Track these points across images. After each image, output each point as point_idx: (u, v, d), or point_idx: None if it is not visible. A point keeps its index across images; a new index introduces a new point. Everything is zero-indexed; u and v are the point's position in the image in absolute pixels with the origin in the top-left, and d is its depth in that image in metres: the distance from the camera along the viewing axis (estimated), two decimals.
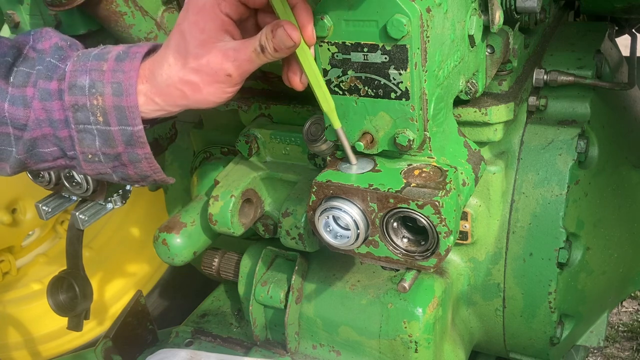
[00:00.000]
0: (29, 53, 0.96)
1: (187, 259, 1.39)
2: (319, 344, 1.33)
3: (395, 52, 0.91)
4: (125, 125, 0.92)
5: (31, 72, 0.93)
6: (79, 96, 0.91)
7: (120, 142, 0.93)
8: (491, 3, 1.06)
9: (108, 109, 0.91)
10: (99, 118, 0.91)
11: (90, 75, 0.91)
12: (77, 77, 0.92)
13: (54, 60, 0.94)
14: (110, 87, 0.91)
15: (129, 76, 0.91)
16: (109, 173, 0.98)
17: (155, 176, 1.00)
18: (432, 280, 1.27)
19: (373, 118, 0.98)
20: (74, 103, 0.91)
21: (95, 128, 0.92)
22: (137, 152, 0.94)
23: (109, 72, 0.91)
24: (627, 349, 2.64)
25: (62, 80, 0.92)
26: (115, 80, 0.91)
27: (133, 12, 1.19)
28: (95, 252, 2.44)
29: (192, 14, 0.90)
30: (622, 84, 1.33)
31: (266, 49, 0.89)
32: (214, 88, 0.93)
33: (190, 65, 0.91)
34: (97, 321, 2.38)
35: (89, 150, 0.94)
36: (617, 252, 1.42)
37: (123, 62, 0.92)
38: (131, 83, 0.91)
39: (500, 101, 1.20)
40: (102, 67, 0.92)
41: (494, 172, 1.27)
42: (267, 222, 1.34)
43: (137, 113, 0.91)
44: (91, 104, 0.91)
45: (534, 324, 1.34)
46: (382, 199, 0.95)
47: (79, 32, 1.24)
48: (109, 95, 0.91)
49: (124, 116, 0.91)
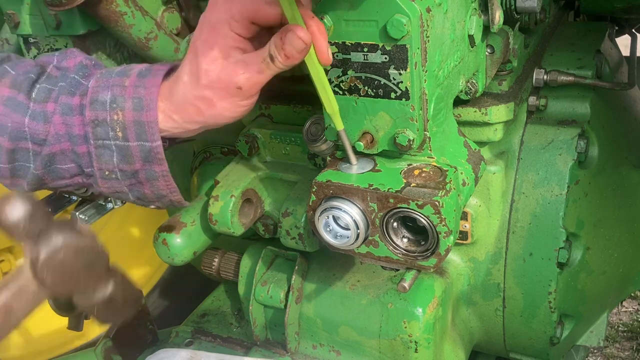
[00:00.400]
0: (52, 71, 0.97)
1: (187, 259, 1.39)
2: (319, 344, 1.33)
3: (395, 52, 0.91)
4: (143, 141, 0.92)
5: (53, 89, 0.94)
6: (99, 111, 0.92)
7: (138, 159, 0.93)
8: (491, 3, 1.06)
9: (128, 123, 0.91)
10: (118, 133, 0.92)
11: (112, 90, 0.92)
12: (99, 92, 0.92)
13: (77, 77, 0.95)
14: (131, 102, 0.91)
15: (150, 92, 0.92)
16: (125, 192, 0.98)
17: (172, 196, 1.00)
18: (432, 280, 1.27)
19: (373, 118, 0.98)
20: (95, 118, 0.92)
21: (114, 144, 0.92)
22: (154, 170, 0.94)
23: (130, 87, 0.92)
24: (627, 349, 2.64)
25: (84, 96, 0.93)
26: (136, 95, 0.92)
27: (133, 12, 1.19)
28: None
29: (204, 32, 0.91)
30: (622, 84, 1.33)
31: (276, 57, 0.89)
32: (227, 103, 0.93)
33: (203, 82, 0.91)
34: None
35: (107, 166, 0.94)
36: (617, 252, 1.42)
37: (145, 78, 0.93)
38: (152, 98, 0.91)
39: (500, 101, 1.20)
40: (124, 83, 0.93)
41: (494, 172, 1.27)
42: (267, 222, 1.34)
43: (156, 128, 0.92)
44: (111, 118, 0.91)
45: (534, 324, 1.34)
46: (382, 199, 0.95)
47: (79, 32, 1.24)
48: (130, 110, 0.91)
49: (143, 131, 0.92)
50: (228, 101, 0.93)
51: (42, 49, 1.31)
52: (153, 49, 1.25)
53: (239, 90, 0.92)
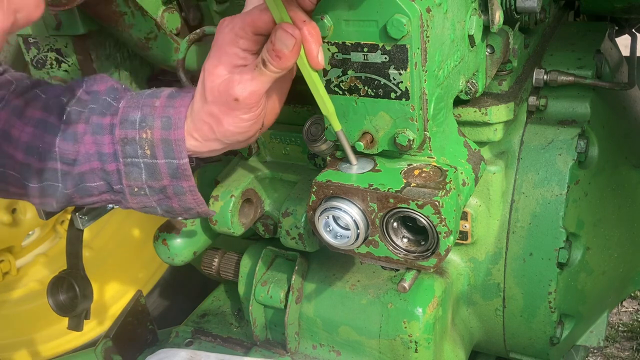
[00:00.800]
0: (81, 95, 0.99)
1: (187, 259, 1.39)
2: (319, 344, 1.33)
3: (395, 52, 0.91)
4: (171, 159, 0.94)
5: (83, 111, 0.97)
6: (129, 130, 0.94)
7: (165, 175, 0.95)
8: (491, 3, 1.06)
9: (156, 142, 0.94)
10: (146, 151, 0.94)
11: (142, 110, 0.95)
12: (129, 112, 0.95)
13: (109, 99, 0.97)
14: (160, 121, 0.94)
15: (179, 111, 0.94)
16: (154, 206, 1.00)
17: (199, 209, 1.02)
18: (432, 280, 1.27)
19: (373, 118, 0.98)
20: (124, 136, 0.94)
21: (142, 161, 0.94)
22: (182, 185, 0.97)
23: (160, 107, 0.95)
24: (627, 349, 2.64)
25: (115, 116, 0.95)
26: (165, 114, 0.94)
27: (133, 12, 1.19)
28: (95, 252, 2.44)
29: (212, 53, 0.94)
30: (622, 84, 1.33)
31: (267, 60, 0.89)
32: (230, 117, 0.94)
33: (209, 99, 0.93)
34: (97, 321, 2.38)
35: (135, 183, 0.96)
36: (617, 252, 1.42)
37: (175, 99, 0.96)
38: (180, 117, 0.94)
39: (500, 101, 1.21)
40: (154, 104, 0.95)
41: (494, 172, 1.27)
42: (267, 222, 1.34)
43: (183, 146, 0.94)
44: (140, 137, 0.94)
45: (534, 324, 1.34)
46: (382, 199, 0.95)
47: (79, 32, 1.24)
48: (158, 129, 0.94)
49: (170, 149, 0.94)
50: (231, 116, 0.94)
51: (42, 49, 1.31)
52: (153, 49, 1.25)
53: (237, 102, 0.92)
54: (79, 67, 1.30)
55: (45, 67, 1.34)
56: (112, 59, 1.35)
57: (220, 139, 0.97)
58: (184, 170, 0.95)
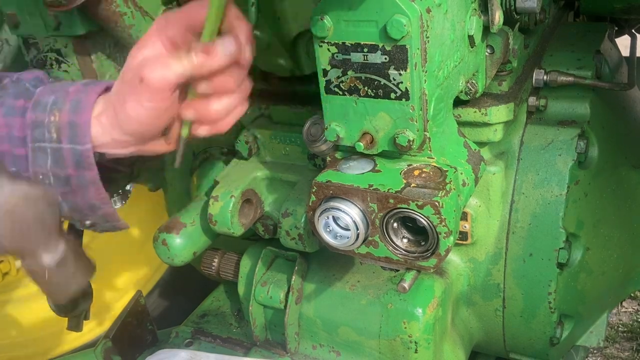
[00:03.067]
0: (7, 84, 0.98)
1: (187, 260, 1.39)
2: (318, 345, 1.33)
3: (395, 53, 0.91)
4: (75, 144, 0.92)
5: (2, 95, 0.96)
6: (39, 113, 0.93)
7: (70, 163, 0.93)
8: (491, 3, 1.06)
9: (62, 124, 0.92)
10: (52, 134, 0.92)
11: (56, 94, 0.94)
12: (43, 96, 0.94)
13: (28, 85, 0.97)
14: (69, 104, 0.92)
15: (89, 97, 0.93)
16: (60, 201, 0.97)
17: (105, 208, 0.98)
18: (432, 281, 1.27)
19: (373, 118, 0.98)
20: (34, 119, 0.92)
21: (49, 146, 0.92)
22: (84, 175, 0.94)
23: (73, 92, 0.94)
24: (627, 349, 2.64)
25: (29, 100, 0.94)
26: (76, 98, 0.93)
27: (133, 12, 1.19)
28: (95, 252, 2.44)
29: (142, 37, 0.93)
30: (622, 84, 1.33)
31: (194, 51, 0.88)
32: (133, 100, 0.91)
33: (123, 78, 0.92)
34: (97, 321, 2.38)
35: (41, 169, 0.94)
36: (617, 252, 1.42)
37: (89, 85, 0.95)
38: (89, 101, 0.92)
39: (500, 101, 1.21)
40: (68, 89, 0.94)
41: (493, 173, 1.27)
42: (267, 222, 1.34)
43: (88, 131, 0.92)
44: (48, 120, 0.92)
45: (534, 324, 1.34)
46: (382, 199, 0.95)
47: (78, 32, 1.24)
48: (67, 111, 0.92)
49: (75, 133, 0.92)
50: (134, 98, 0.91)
51: (41, 49, 1.31)
52: None
53: (142, 84, 0.88)
54: (78, 67, 1.30)
55: (45, 68, 1.34)
56: (112, 59, 1.35)
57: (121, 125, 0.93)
58: (86, 157, 0.92)
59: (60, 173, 0.94)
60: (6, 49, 1.51)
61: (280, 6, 1.17)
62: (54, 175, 0.94)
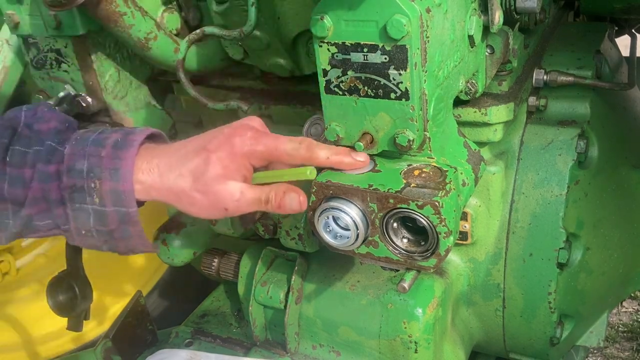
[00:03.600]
0: (23, 131, 0.99)
1: (187, 259, 1.39)
2: (318, 344, 1.33)
3: (395, 53, 0.91)
4: (120, 207, 0.96)
5: (27, 152, 0.97)
6: (77, 179, 0.95)
7: (114, 221, 0.97)
8: (491, 3, 1.06)
9: (104, 192, 0.95)
10: (95, 199, 0.95)
11: (89, 160, 0.95)
12: (75, 160, 0.95)
13: (53, 143, 0.97)
14: (108, 173, 0.95)
15: (126, 164, 0.95)
16: (100, 245, 1.02)
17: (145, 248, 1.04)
18: (432, 281, 1.27)
19: (373, 118, 0.98)
20: (72, 184, 0.95)
21: (91, 207, 0.96)
22: (129, 229, 0.98)
23: (107, 158, 0.95)
24: (627, 349, 2.64)
25: (61, 163, 0.96)
26: (112, 167, 0.95)
27: (133, 12, 1.19)
28: (94, 252, 2.43)
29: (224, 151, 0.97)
30: (622, 84, 1.33)
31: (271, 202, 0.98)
32: (206, 211, 0.99)
33: (200, 187, 0.96)
34: (97, 321, 2.37)
35: (84, 226, 0.98)
36: (617, 252, 1.42)
37: (121, 150, 0.96)
38: (128, 170, 0.95)
39: (500, 101, 1.20)
40: (100, 154, 0.96)
41: (493, 173, 1.27)
42: (267, 222, 1.34)
43: (133, 197, 0.95)
44: (88, 186, 0.95)
45: (534, 324, 1.34)
46: (382, 199, 0.95)
47: (78, 32, 1.24)
48: (107, 180, 0.95)
49: (119, 199, 0.95)
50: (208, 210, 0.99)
51: (41, 49, 1.31)
52: (153, 49, 1.25)
53: (224, 211, 0.99)
54: (78, 67, 1.30)
55: (45, 67, 1.34)
56: (112, 59, 1.35)
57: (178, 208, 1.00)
58: (131, 217, 0.96)
59: (103, 229, 0.98)
60: (6, 49, 1.51)
61: (280, 6, 1.17)
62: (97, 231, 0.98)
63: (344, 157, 1.00)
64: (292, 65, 1.29)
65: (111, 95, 1.36)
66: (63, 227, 0.98)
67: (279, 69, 1.30)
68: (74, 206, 0.95)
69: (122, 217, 0.96)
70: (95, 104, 1.33)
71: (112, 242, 1.01)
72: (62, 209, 0.96)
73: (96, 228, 0.97)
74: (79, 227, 0.97)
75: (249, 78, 1.48)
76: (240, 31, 1.16)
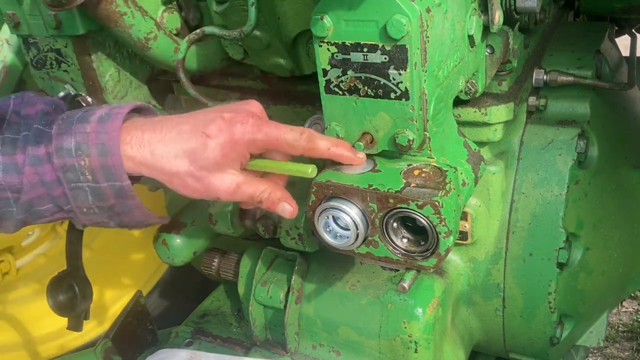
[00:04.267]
0: (11, 118, 0.99)
1: (187, 259, 1.39)
2: (318, 344, 1.33)
3: (395, 52, 0.91)
4: (113, 182, 0.95)
5: (17, 138, 0.97)
6: (66, 158, 0.94)
7: (111, 196, 0.97)
8: (491, 3, 1.06)
9: (95, 168, 0.94)
10: (88, 177, 0.95)
11: (75, 137, 0.95)
12: (63, 140, 0.95)
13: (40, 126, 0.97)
14: (95, 149, 0.94)
15: (112, 137, 0.94)
16: (106, 221, 1.02)
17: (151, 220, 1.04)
18: (431, 281, 1.27)
19: (373, 118, 0.98)
20: (63, 164, 0.95)
21: (86, 185, 0.96)
22: (128, 203, 0.98)
23: (92, 133, 0.95)
24: (627, 349, 2.64)
25: (49, 144, 0.95)
26: (99, 141, 0.94)
27: (133, 12, 1.19)
28: (95, 252, 2.44)
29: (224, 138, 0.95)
30: (622, 84, 1.33)
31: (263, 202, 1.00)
32: (198, 194, 0.99)
33: (195, 173, 0.96)
34: (97, 321, 2.37)
35: (84, 204, 0.97)
36: (617, 252, 1.42)
37: (105, 123, 0.96)
38: (114, 143, 0.94)
39: (500, 101, 1.21)
40: (86, 130, 0.95)
41: (493, 172, 1.27)
42: (267, 222, 1.34)
43: (123, 170, 0.95)
44: (79, 164, 0.94)
45: (534, 324, 1.34)
46: (381, 199, 0.95)
47: (78, 32, 1.24)
48: (95, 156, 0.94)
49: (111, 173, 0.95)
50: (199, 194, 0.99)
51: (41, 49, 1.31)
52: (153, 49, 1.25)
53: (216, 198, 1.00)
54: (78, 67, 1.30)
55: (45, 67, 1.34)
56: (112, 59, 1.35)
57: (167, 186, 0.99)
58: (127, 191, 0.96)
59: (103, 205, 0.98)
60: (6, 49, 1.51)
61: (280, 6, 1.17)
62: (97, 207, 0.98)
63: (344, 150, 1.00)
64: (292, 65, 1.29)
65: (111, 95, 1.36)
66: (65, 207, 0.98)
67: (279, 69, 1.30)
68: (70, 185, 0.95)
69: (117, 192, 0.96)
70: (95, 103, 1.33)
71: (117, 218, 1.01)
72: (61, 189, 0.96)
73: (96, 205, 0.97)
74: (80, 205, 0.97)
75: (249, 78, 1.48)
76: (240, 31, 1.16)
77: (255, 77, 1.47)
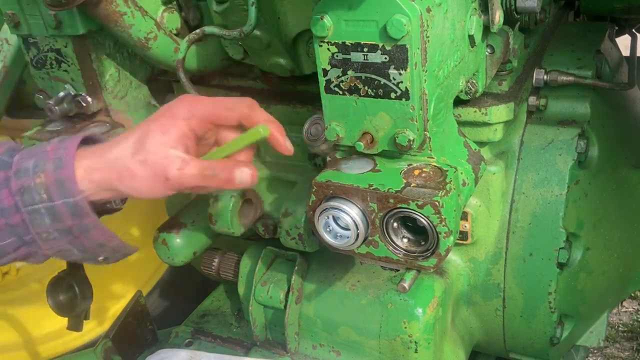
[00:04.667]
0: None
1: (187, 259, 1.39)
2: (318, 344, 1.33)
3: (395, 52, 0.91)
4: (66, 198, 0.93)
5: None
6: (24, 179, 0.93)
7: (67, 216, 0.94)
8: (491, 3, 1.06)
9: (50, 184, 0.93)
10: (43, 195, 0.93)
11: (36, 157, 0.94)
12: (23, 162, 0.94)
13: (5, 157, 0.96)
14: (52, 163, 0.93)
15: (69, 151, 0.94)
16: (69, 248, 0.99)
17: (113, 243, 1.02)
18: (432, 281, 1.27)
19: (373, 118, 0.98)
20: (20, 187, 0.93)
21: (42, 206, 0.94)
22: (85, 223, 0.96)
23: (51, 151, 0.95)
24: (627, 349, 2.64)
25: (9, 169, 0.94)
26: (56, 156, 0.94)
27: (133, 12, 1.19)
28: None
29: (164, 118, 0.95)
30: (622, 84, 1.33)
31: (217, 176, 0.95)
32: (148, 182, 0.95)
33: (139, 157, 0.94)
34: (97, 321, 2.37)
35: (42, 229, 0.95)
36: (617, 252, 1.42)
37: (65, 141, 0.96)
38: (69, 155, 0.94)
39: (500, 101, 1.20)
40: (45, 148, 0.95)
41: (494, 172, 1.27)
42: (267, 222, 1.34)
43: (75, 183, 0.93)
44: (35, 183, 0.93)
45: (534, 324, 1.34)
46: (382, 199, 0.95)
47: (78, 32, 1.24)
48: (50, 171, 0.93)
49: (64, 189, 0.93)
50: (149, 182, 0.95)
51: (41, 49, 1.31)
52: (153, 49, 1.25)
53: (165, 181, 0.95)
54: (78, 67, 1.30)
55: (45, 67, 1.34)
56: (112, 59, 1.35)
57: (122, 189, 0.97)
58: (81, 208, 0.94)
59: (60, 227, 0.95)
60: (6, 49, 1.51)
61: (280, 6, 1.17)
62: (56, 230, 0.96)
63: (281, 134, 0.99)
64: (292, 65, 1.29)
65: (111, 95, 1.36)
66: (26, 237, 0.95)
67: (279, 69, 1.30)
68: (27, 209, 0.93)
69: (72, 210, 0.94)
70: (95, 103, 1.33)
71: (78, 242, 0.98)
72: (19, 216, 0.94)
73: (54, 227, 0.95)
74: (39, 231, 0.95)
75: (249, 78, 1.48)
76: (240, 31, 1.16)
77: (255, 77, 1.47)
